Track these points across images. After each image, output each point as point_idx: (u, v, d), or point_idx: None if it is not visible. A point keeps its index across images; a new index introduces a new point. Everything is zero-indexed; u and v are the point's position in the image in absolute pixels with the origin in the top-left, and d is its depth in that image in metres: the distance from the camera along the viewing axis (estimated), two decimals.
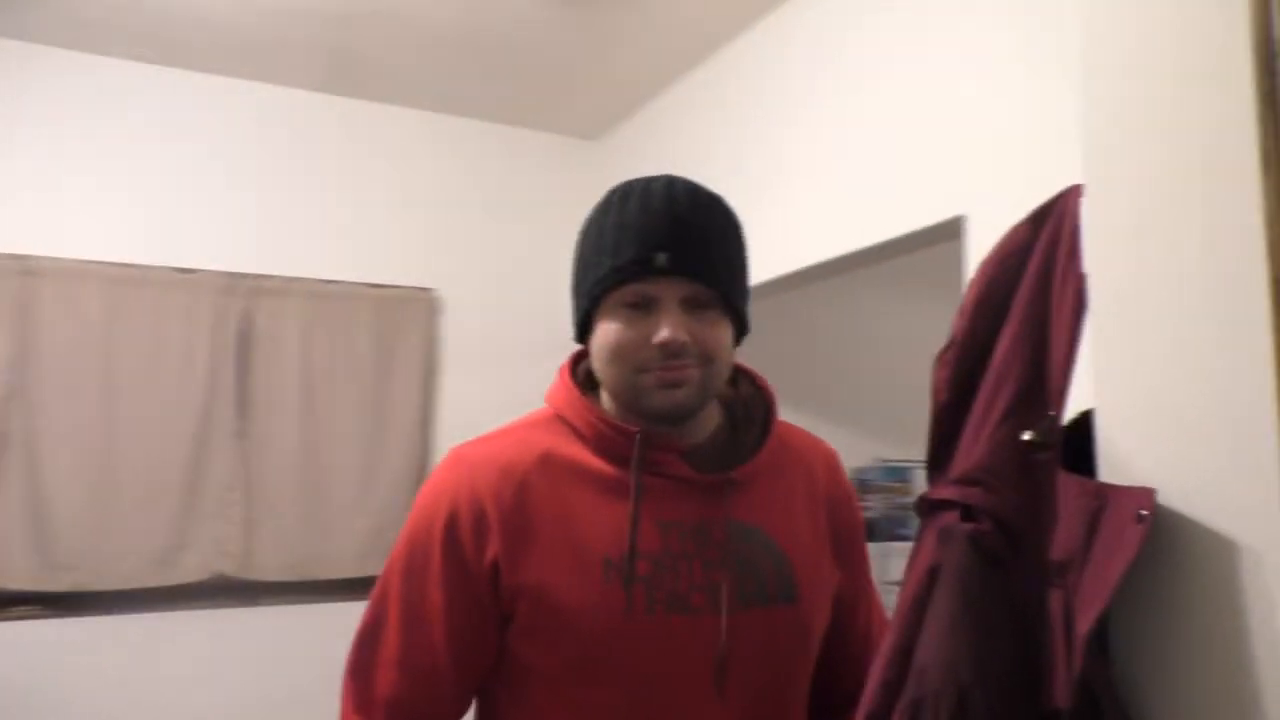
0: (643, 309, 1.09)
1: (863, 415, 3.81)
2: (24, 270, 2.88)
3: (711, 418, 1.18)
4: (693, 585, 1.07)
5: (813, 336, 3.95)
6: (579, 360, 1.21)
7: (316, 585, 3.14)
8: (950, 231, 2.16)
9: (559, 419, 1.17)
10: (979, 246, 2.05)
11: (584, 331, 1.16)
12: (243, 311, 3.13)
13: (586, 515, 1.09)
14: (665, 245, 1.07)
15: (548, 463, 1.12)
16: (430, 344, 3.37)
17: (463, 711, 1.16)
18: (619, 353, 1.09)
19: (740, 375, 1.24)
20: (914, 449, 4.16)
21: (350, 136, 3.42)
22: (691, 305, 1.09)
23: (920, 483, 4.15)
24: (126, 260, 3.04)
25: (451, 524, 1.10)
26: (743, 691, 1.08)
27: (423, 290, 3.38)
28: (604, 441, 1.12)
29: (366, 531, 3.16)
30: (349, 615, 3.23)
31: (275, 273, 3.21)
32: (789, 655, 1.14)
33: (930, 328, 4.32)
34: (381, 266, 3.37)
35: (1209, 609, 0.76)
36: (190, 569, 2.96)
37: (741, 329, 1.15)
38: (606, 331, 1.10)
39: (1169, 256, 0.81)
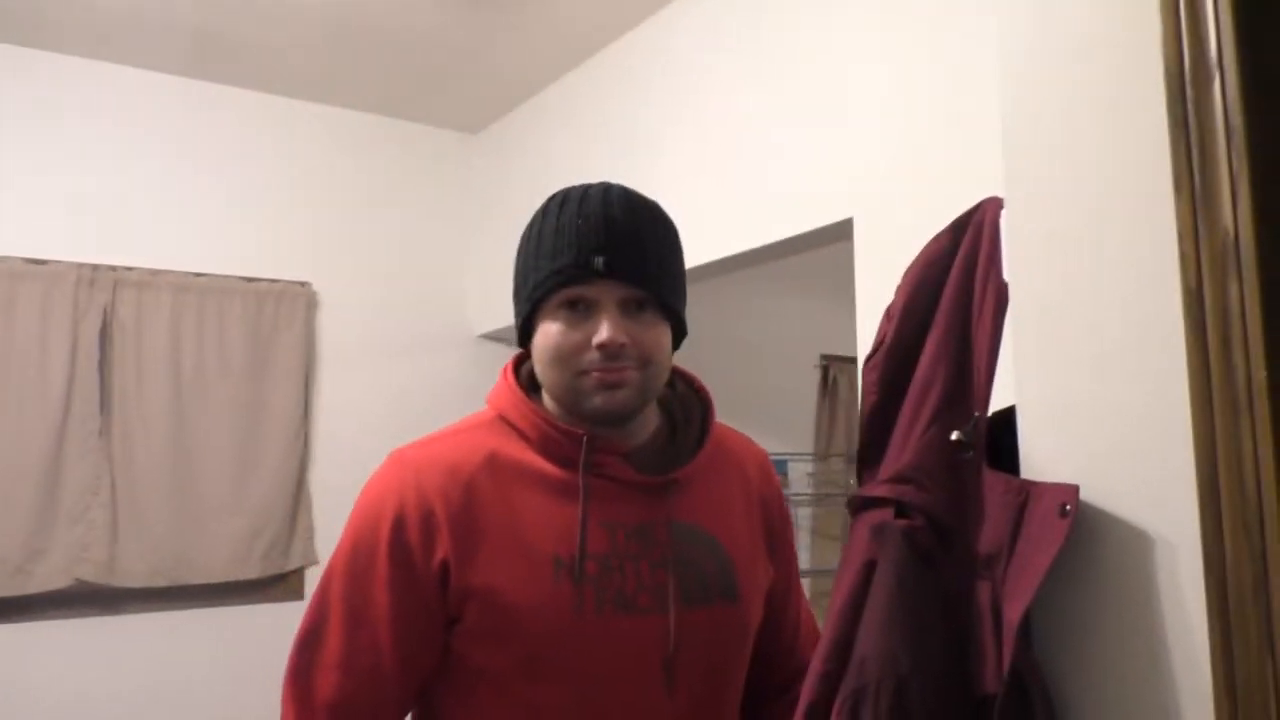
0: (582, 311, 1.11)
1: (743, 409, 3.90)
2: None
3: (651, 420, 1.20)
4: (640, 585, 1.10)
5: (697, 331, 4.00)
6: (520, 363, 1.22)
7: (186, 590, 3.01)
8: (840, 233, 2.23)
9: (502, 421, 1.17)
10: (866, 248, 2.13)
11: (525, 335, 1.17)
12: (104, 304, 2.96)
13: (534, 516, 1.10)
14: (602, 249, 1.09)
15: (494, 464, 1.12)
16: (308, 340, 3.27)
17: (405, 713, 1.15)
18: (559, 355, 1.11)
19: (676, 377, 1.27)
20: (791, 442, 4.29)
21: (221, 124, 3.28)
22: (629, 308, 1.11)
23: (797, 475, 4.28)
24: None
25: (398, 526, 1.09)
26: (688, 688, 1.11)
27: (300, 284, 3.27)
28: (549, 444, 1.13)
29: (242, 533, 3.05)
30: (220, 621, 3.14)
31: (139, 264, 3.05)
32: (730, 651, 1.17)
33: (812, 326, 4.45)
34: (256, 259, 3.24)
35: (1127, 598, 0.81)
36: (49, 576, 2.79)
37: (680, 332, 1.18)
38: (547, 334, 1.12)
39: (1088, 266, 0.87)
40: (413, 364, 3.50)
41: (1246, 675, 0.73)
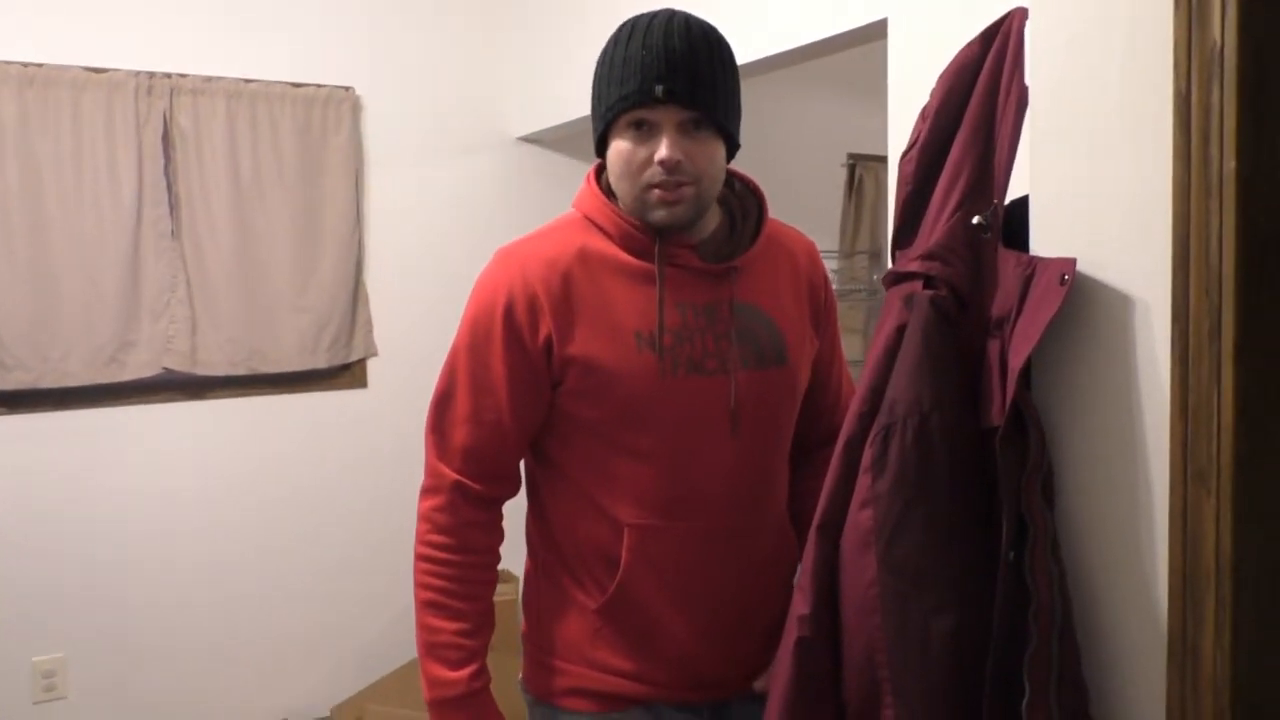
0: (646, 131, 1.30)
1: (777, 208, 4.03)
2: None
3: (714, 217, 1.41)
4: (707, 352, 1.34)
5: None
6: (600, 171, 1.41)
7: (262, 379, 3.28)
8: (875, 33, 2.32)
9: (587, 221, 1.38)
10: (901, 47, 2.22)
11: (602, 149, 1.36)
12: (163, 111, 3.08)
13: (619, 299, 1.33)
14: (662, 78, 1.26)
15: (584, 256, 1.34)
16: (356, 143, 3.39)
17: (521, 457, 1.42)
18: (627, 170, 1.31)
19: (735, 179, 1.46)
20: (817, 240, 4.43)
21: None
22: (687, 128, 1.29)
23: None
24: (33, 60, 2.94)
25: (509, 309, 1.33)
26: (749, 432, 1.36)
27: (344, 89, 3.36)
28: (629, 239, 1.35)
29: (307, 327, 3.27)
30: (294, 407, 3.42)
31: (191, 71, 3.15)
32: (781, 406, 1.42)
33: (839, 125, 4.49)
34: (301, 65, 3.31)
35: (1109, 348, 1.01)
36: (140, 366, 3.04)
37: (732, 146, 1.36)
38: (618, 150, 1.32)
39: (1096, 72, 1.01)
40: (455, 166, 3.63)
41: (1197, 401, 0.93)
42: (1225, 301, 0.91)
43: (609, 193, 1.39)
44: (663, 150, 1.28)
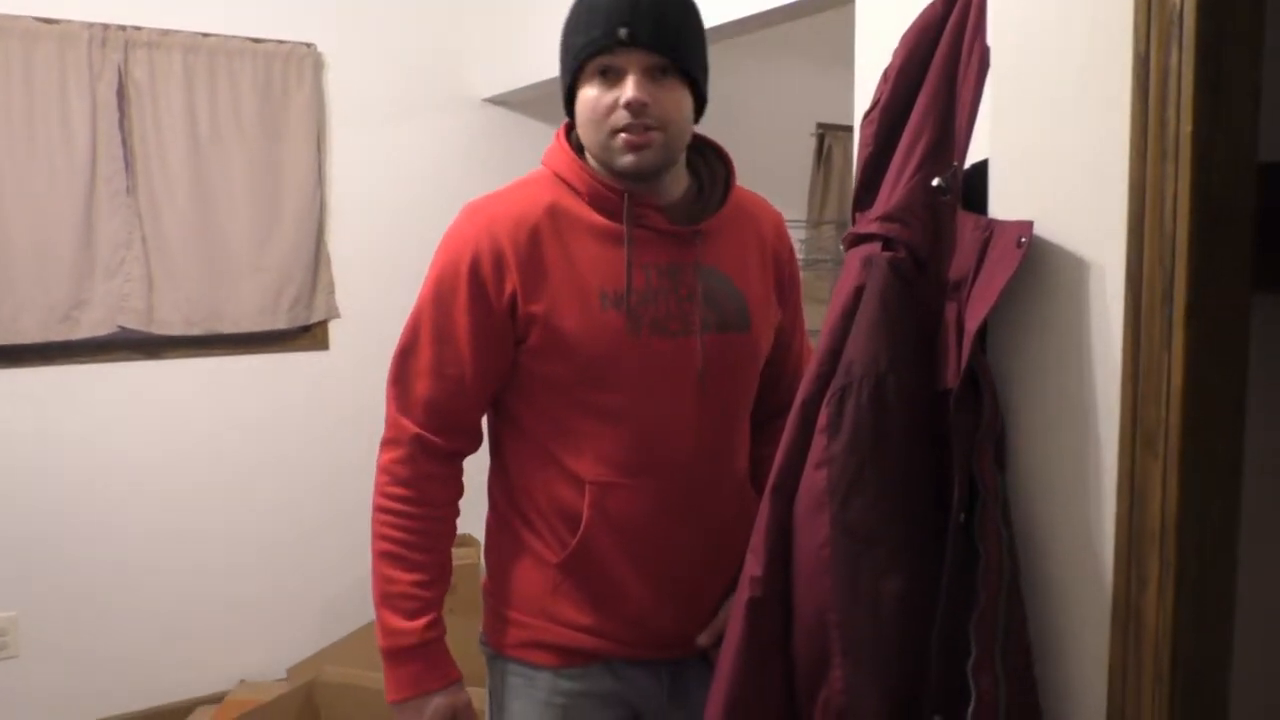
0: (612, 77, 1.30)
1: (745, 177, 4.01)
2: None
3: (682, 180, 1.41)
4: (669, 314, 1.35)
5: None
6: (570, 129, 1.40)
7: (220, 340, 3.23)
8: None
9: (557, 178, 1.37)
10: (868, 12, 2.20)
11: (570, 103, 1.36)
12: (118, 64, 3.01)
13: (585, 258, 1.33)
14: (626, 22, 1.26)
15: (553, 214, 1.34)
16: (318, 102, 3.33)
17: (482, 412, 1.42)
18: (594, 116, 1.31)
19: (704, 146, 1.46)
20: (784, 209, 4.43)
21: None
22: (653, 74, 1.29)
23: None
24: None
25: (475, 264, 1.32)
26: (712, 396, 1.37)
27: (306, 46, 3.30)
28: (598, 198, 1.34)
29: (267, 287, 3.22)
30: (253, 368, 3.37)
31: (146, 24, 3.07)
32: (744, 370, 1.43)
33: (808, 94, 4.47)
34: (261, 19, 3.24)
35: (1064, 310, 1.01)
36: (94, 324, 2.98)
37: (700, 100, 1.37)
38: (585, 98, 1.32)
39: (1056, 35, 1.01)
40: (419, 127, 3.58)
41: (1148, 364, 0.93)
42: (1178, 266, 0.91)
43: (578, 151, 1.38)
44: (628, 91, 1.28)
